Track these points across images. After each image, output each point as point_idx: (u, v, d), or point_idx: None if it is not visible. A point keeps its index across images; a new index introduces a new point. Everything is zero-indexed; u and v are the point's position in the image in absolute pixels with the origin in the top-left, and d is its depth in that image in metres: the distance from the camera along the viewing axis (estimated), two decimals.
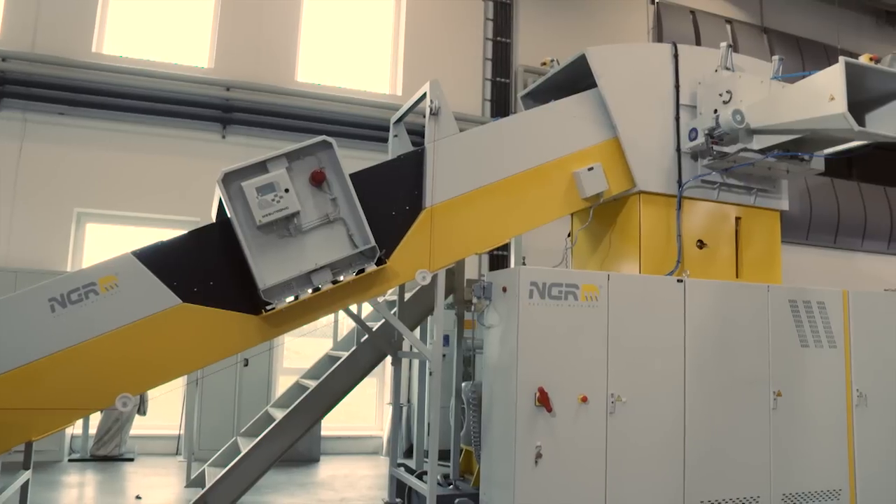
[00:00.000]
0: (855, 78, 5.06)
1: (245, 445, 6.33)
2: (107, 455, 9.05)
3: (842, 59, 5.05)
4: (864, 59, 5.37)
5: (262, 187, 4.70)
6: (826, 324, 6.18)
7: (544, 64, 6.65)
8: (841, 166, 10.75)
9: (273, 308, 4.78)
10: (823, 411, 6.09)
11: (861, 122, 5.19)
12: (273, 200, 4.70)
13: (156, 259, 4.68)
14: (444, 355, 5.82)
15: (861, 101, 5.32)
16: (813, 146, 6.01)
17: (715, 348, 5.70)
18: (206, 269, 4.78)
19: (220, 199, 4.77)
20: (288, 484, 8.12)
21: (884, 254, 14.27)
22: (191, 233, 4.92)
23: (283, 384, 9.49)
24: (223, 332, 4.78)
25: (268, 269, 4.74)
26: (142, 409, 9.18)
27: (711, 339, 5.69)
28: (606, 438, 5.19)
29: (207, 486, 6.09)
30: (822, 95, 5.13)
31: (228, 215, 4.70)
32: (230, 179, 4.71)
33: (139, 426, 9.56)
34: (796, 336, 6.04)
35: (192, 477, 7.55)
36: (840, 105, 4.98)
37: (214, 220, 5.10)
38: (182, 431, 9.37)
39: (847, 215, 13.76)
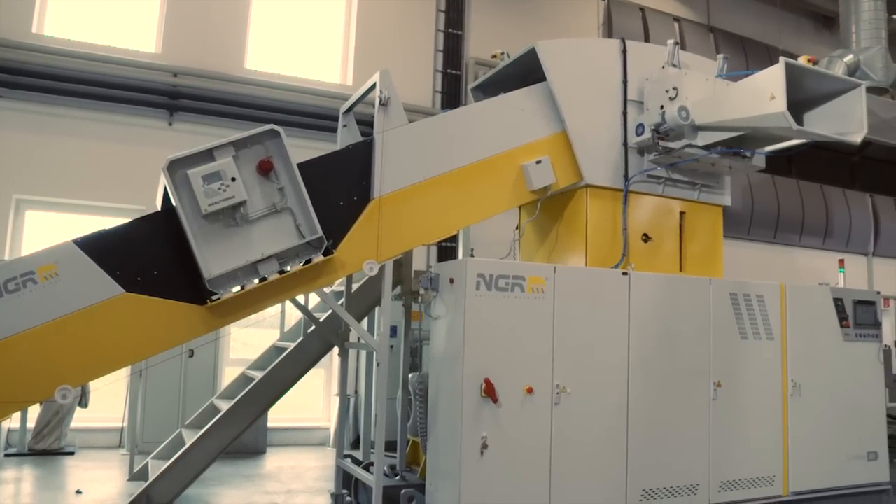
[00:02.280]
0: (794, 78, 5.20)
1: (190, 437, 6.26)
2: (46, 449, 8.84)
3: (782, 59, 5.19)
4: (802, 61, 5.53)
5: (209, 175, 4.63)
6: (764, 316, 6.36)
7: (494, 57, 6.69)
8: (781, 164, 11.11)
9: (218, 298, 4.72)
10: (760, 401, 6.27)
11: (799, 122, 5.35)
12: (219, 189, 4.63)
13: (98, 247, 4.58)
14: (391, 346, 5.82)
15: (800, 101, 5.48)
16: (754, 143, 6.18)
17: (658, 340, 5.82)
18: (150, 258, 4.70)
19: (165, 187, 4.69)
20: (234, 476, 8.05)
21: (820, 249, 14.73)
22: (134, 221, 4.83)
23: (229, 375, 9.38)
24: (167, 323, 4.71)
25: (213, 259, 4.68)
26: (83, 402, 8.98)
27: (655, 331, 5.81)
28: (551, 429, 5.26)
29: (151, 479, 6.01)
30: (764, 94, 5.27)
31: (173, 203, 4.63)
32: (175, 167, 4.63)
33: (80, 419, 9.35)
34: (736, 328, 6.20)
35: (135, 470, 7.43)
36: (780, 104, 5.12)
37: (159, 209, 5.01)
38: (125, 424, 9.20)
39: (786, 212, 14.16)
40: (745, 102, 5.48)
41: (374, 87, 5.54)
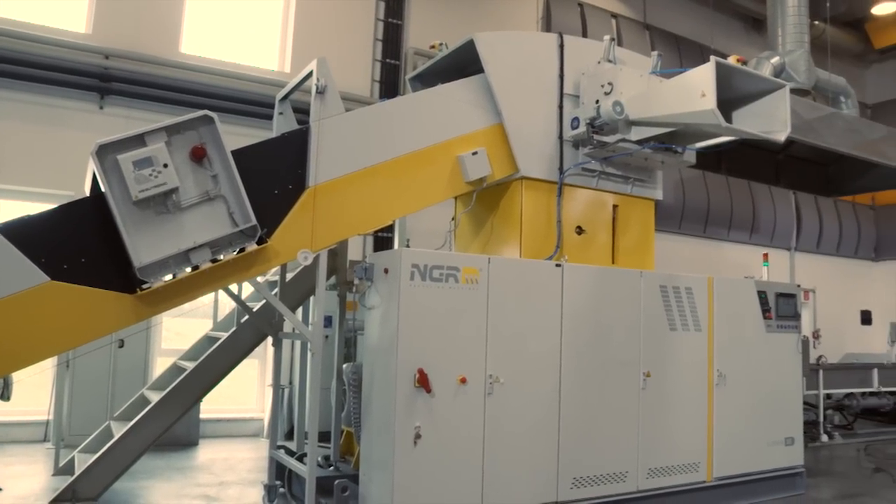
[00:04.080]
0: (724, 77, 5.35)
1: (119, 430, 6.15)
2: None
3: (713, 58, 5.32)
4: (732, 61, 5.69)
5: (140, 161, 4.55)
6: (693, 308, 6.55)
7: (433, 47, 6.70)
8: (712, 160, 11.43)
9: (149, 287, 4.64)
10: (688, 390, 6.47)
11: (728, 119, 5.50)
12: (150, 175, 4.55)
13: (22, 234, 4.44)
14: (325, 336, 5.80)
15: (729, 100, 5.63)
16: (686, 139, 6.33)
17: (590, 331, 5.93)
18: (78, 245, 4.59)
19: (95, 173, 4.58)
20: (165, 469, 7.91)
21: (746, 243, 15.23)
22: (61, 207, 4.70)
23: (161, 366, 9.19)
24: (95, 312, 4.61)
25: (144, 247, 4.59)
26: (5, 394, 8.62)
27: (587, 322, 5.92)
28: (484, 419, 5.32)
29: (77, 473, 5.88)
30: (695, 92, 5.40)
31: (103, 190, 4.52)
32: (105, 152, 4.53)
33: (2, 412, 9.02)
34: (665, 320, 6.37)
35: (61, 465, 7.23)
36: (710, 101, 5.26)
37: (88, 195, 4.89)
38: (50, 417, 8.93)
39: (716, 207, 14.59)
40: (677, 99, 5.62)
41: (310, 74, 5.50)
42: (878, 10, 16.18)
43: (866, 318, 13.75)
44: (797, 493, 7.20)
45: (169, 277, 4.75)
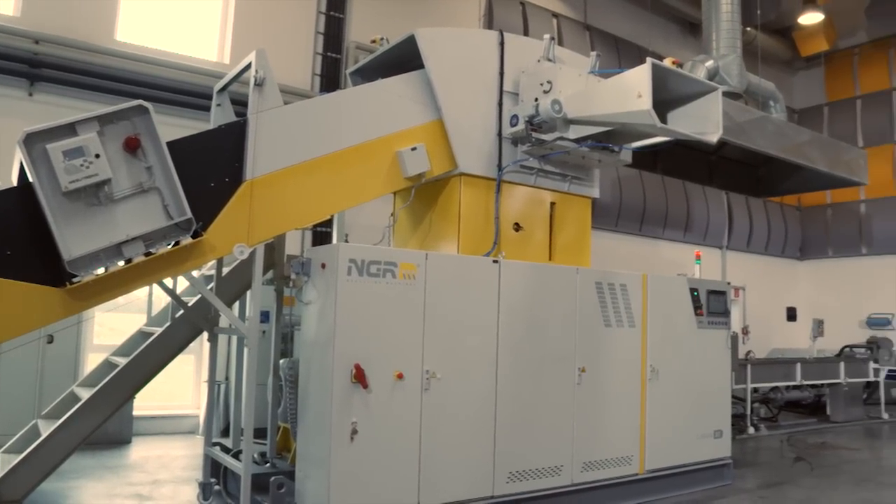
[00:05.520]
0: (659, 79, 5.46)
1: (46, 429, 5.95)
2: None
3: (649, 60, 5.42)
4: (667, 63, 5.81)
5: (70, 151, 4.43)
6: (627, 305, 6.69)
7: (374, 42, 6.68)
8: (648, 160, 11.71)
9: (79, 280, 4.52)
10: (622, 386, 6.62)
11: (663, 120, 5.62)
12: (82, 166, 4.45)
13: None
14: (262, 332, 5.74)
15: (664, 101, 5.76)
16: (622, 139, 6.45)
17: (527, 327, 6.01)
18: (3, 237, 4.45)
19: (22, 162, 4.43)
20: (96, 468, 7.72)
21: (681, 241, 15.62)
22: None
23: (93, 362, 8.96)
24: (22, 306, 4.47)
25: (74, 239, 4.48)
26: None
27: (523, 318, 6.00)
28: (421, 414, 5.35)
29: (1, 474, 5.68)
30: (631, 92, 5.50)
31: (31, 180, 4.39)
32: (34, 141, 4.40)
33: None
34: (601, 316, 6.50)
35: None
36: (646, 102, 5.36)
37: (15, 185, 4.73)
38: None
39: (652, 205, 14.91)
40: (614, 99, 5.71)
41: (249, 66, 5.43)
42: (804, 20, 16.80)
43: (791, 314, 14.24)
44: (724, 484, 7.43)
45: (100, 271, 4.65)
